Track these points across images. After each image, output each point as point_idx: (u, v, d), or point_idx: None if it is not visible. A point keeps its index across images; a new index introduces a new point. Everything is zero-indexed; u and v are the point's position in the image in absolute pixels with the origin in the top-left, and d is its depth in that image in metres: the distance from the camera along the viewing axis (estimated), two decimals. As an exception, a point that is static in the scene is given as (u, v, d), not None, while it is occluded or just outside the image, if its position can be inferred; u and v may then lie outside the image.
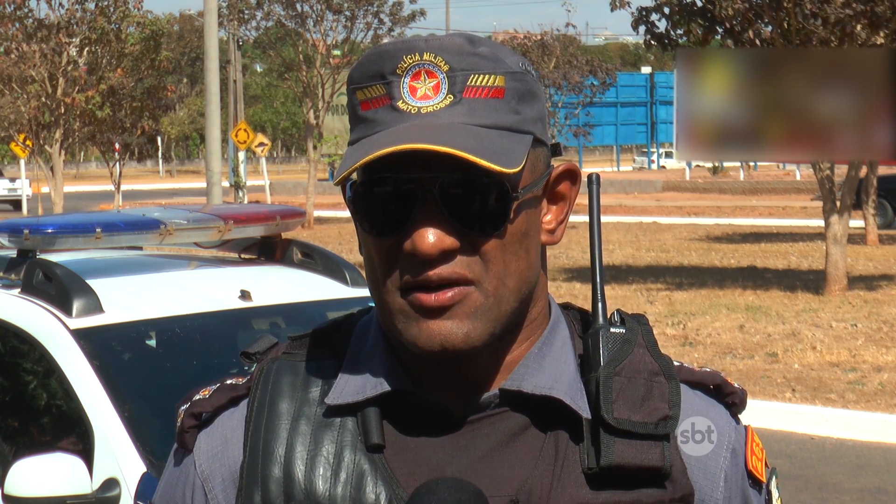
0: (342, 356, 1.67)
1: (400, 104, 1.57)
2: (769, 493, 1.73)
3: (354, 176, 1.61)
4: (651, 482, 1.59)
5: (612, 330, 1.64)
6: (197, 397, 1.70)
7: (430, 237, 1.54)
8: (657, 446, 1.59)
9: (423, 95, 1.57)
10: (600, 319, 1.65)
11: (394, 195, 1.56)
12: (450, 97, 1.57)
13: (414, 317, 1.57)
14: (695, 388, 1.69)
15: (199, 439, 1.68)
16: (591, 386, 1.61)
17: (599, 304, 1.66)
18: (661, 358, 1.64)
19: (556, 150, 1.68)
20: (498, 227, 1.56)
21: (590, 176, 1.71)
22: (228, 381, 1.70)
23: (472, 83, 1.57)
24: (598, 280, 1.68)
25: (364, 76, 1.60)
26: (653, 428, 1.59)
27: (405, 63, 1.57)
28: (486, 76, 1.58)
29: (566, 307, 1.73)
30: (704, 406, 1.68)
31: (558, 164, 1.67)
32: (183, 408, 1.70)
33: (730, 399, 1.71)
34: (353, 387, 1.63)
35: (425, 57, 1.57)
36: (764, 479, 1.72)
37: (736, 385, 1.72)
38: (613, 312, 1.67)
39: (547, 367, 1.62)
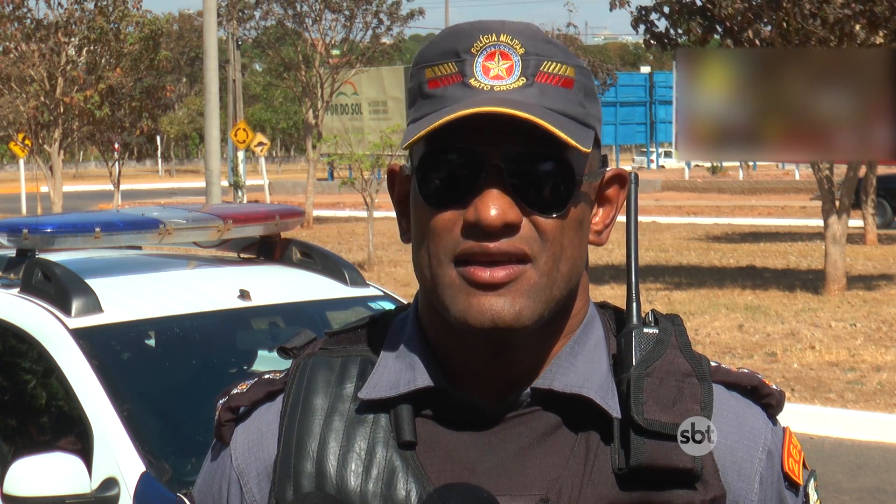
0: (377, 353, 1.67)
1: (472, 81, 1.56)
2: (806, 495, 1.72)
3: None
4: (682, 483, 1.59)
5: (646, 330, 1.63)
6: (235, 391, 1.71)
7: (495, 208, 1.53)
8: None
9: (496, 76, 1.56)
10: (634, 319, 1.64)
11: (460, 165, 1.55)
12: (522, 79, 1.56)
13: (465, 290, 1.55)
14: (731, 390, 1.67)
15: (236, 433, 1.69)
16: (623, 386, 1.60)
17: (634, 304, 1.65)
18: (694, 359, 1.63)
19: (603, 162, 1.67)
20: (561, 207, 1.56)
21: (629, 174, 1.71)
22: (266, 376, 1.70)
23: (545, 69, 1.57)
24: (633, 280, 1.67)
25: (436, 54, 1.59)
26: None
27: (481, 43, 1.56)
28: (559, 65, 1.58)
29: (603, 306, 1.72)
30: (740, 407, 1.67)
31: (608, 169, 1.67)
32: (221, 401, 1.71)
33: (767, 400, 1.69)
34: (386, 383, 1.63)
35: (502, 38, 1.57)
36: (801, 482, 1.70)
37: (774, 387, 1.70)
38: (648, 313, 1.66)
39: (578, 366, 1.62)
